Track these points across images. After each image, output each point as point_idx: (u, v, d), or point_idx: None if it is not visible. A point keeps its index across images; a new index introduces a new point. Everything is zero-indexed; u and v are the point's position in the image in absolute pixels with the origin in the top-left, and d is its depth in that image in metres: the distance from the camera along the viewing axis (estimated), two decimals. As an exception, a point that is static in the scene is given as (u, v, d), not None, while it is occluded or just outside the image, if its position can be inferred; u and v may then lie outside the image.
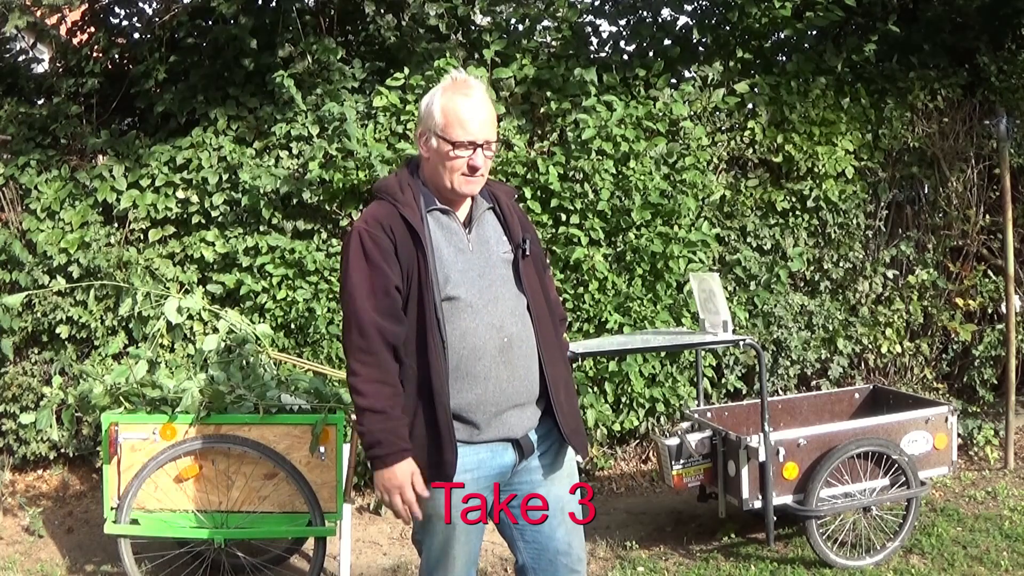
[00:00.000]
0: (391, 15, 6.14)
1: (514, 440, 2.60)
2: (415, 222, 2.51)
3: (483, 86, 2.61)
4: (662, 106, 5.59)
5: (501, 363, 2.54)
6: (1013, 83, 6.01)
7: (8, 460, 5.42)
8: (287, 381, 4.24)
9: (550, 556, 2.72)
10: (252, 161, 5.42)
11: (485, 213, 2.66)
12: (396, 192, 2.57)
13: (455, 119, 2.51)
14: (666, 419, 5.52)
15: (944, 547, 4.39)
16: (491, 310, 2.54)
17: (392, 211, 2.53)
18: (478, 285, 2.55)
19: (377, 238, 2.49)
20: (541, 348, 2.62)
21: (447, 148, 2.52)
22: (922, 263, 5.96)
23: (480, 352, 2.51)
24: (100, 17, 6.16)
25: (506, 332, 2.55)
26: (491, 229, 2.66)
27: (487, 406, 2.52)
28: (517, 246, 2.64)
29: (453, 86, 2.57)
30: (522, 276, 2.63)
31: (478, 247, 2.60)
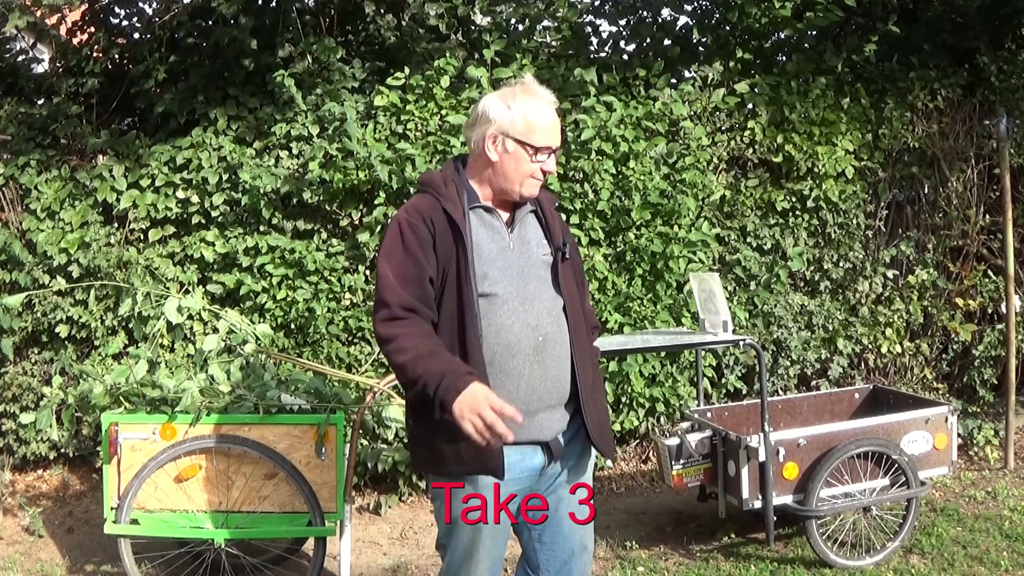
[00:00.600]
0: (391, 15, 6.14)
1: (543, 443, 2.61)
2: (457, 216, 2.54)
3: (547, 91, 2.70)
4: (662, 106, 5.59)
5: (535, 362, 2.56)
6: (1013, 83, 6.01)
7: (8, 460, 5.42)
8: (287, 381, 4.24)
9: (565, 557, 2.76)
10: (252, 161, 5.43)
11: (528, 215, 2.71)
12: (439, 186, 2.61)
13: (536, 126, 2.58)
14: (666, 419, 5.52)
15: (944, 547, 4.39)
16: (528, 308, 2.57)
17: (435, 204, 2.57)
18: (516, 283, 2.58)
19: (417, 228, 2.52)
20: (574, 351, 2.65)
21: (527, 153, 2.58)
22: (922, 263, 5.96)
23: (515, 349, 2.54)
24: (100, 17, 6.16)
25: (541, 331, 2.58)
26: (532, 230, 2.70)
27: (518, 404, 2.48)
28: (557, 249, 2.69)
29: (530, 92, 2.63)
30: (560, 278, 2.66)
31: (519, 246, 2.64)
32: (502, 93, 2.65)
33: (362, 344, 5.27)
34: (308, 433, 3.93)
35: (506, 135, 2.59)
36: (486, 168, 2.64)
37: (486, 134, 2.61)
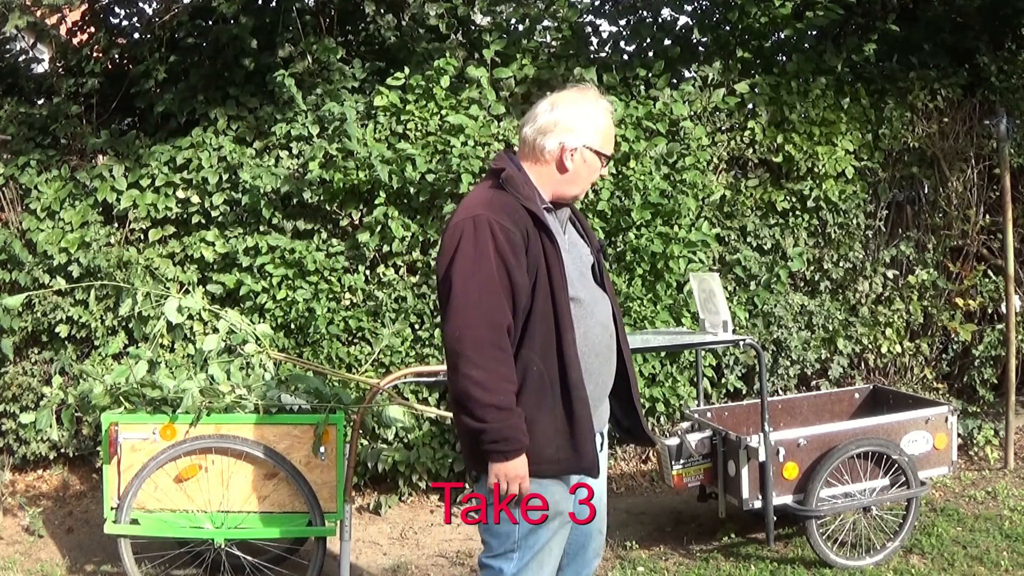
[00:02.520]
0: (391, 15, 6.15)
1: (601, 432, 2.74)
2: (545, 219, 2.55)
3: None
4: (662, 106, 5.59)
5: (607, 360, 2.67)
6: (1013, 83, 6.01)
7: (8, 460, 5.42)
8: (287, 381, 4.24)
9: (583, 541, 2.87)
10: (252, 161, 5.42)
11: (569, 219, 2.76)
12: (520, 186, 2.58)
13: (607, 138, 2.65)
14: (666, 419, 5.52)
15: (944, 547, 4.39)
16: (598, 310, 2.66)
17: (517, 204, 2.52)
18: (585, 285, 2.66)
19: (509, 232, 2.46)
20: (622, 346, 2.76)
21: (600, 162, 2.66)
22: (922, 263, 5.96)
23: (597, 349, 2.63)
24: (100, 17, 6.16)
25: (610, 331, 2.69)
26: (573, 234, 2.77)
27: (593, 401, 2.60)
28: (598, 250, 2.77)
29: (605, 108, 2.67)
30: (604, 277, 2.75)
31: (572, 248, 2.70)
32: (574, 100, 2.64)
33: (362, 344, 5.27)
34: (308, 433, 3.93)
35: (584, 146, 2.61)
36: (554, 174, 2.64)
37: (564, 145, 2.60)
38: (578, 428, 2.53)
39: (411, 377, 4.19)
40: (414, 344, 5.18)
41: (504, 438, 2.43)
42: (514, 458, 2.46)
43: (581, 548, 2.89)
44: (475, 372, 2.41)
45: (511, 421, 2.44)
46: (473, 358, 2.41)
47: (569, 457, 2.54)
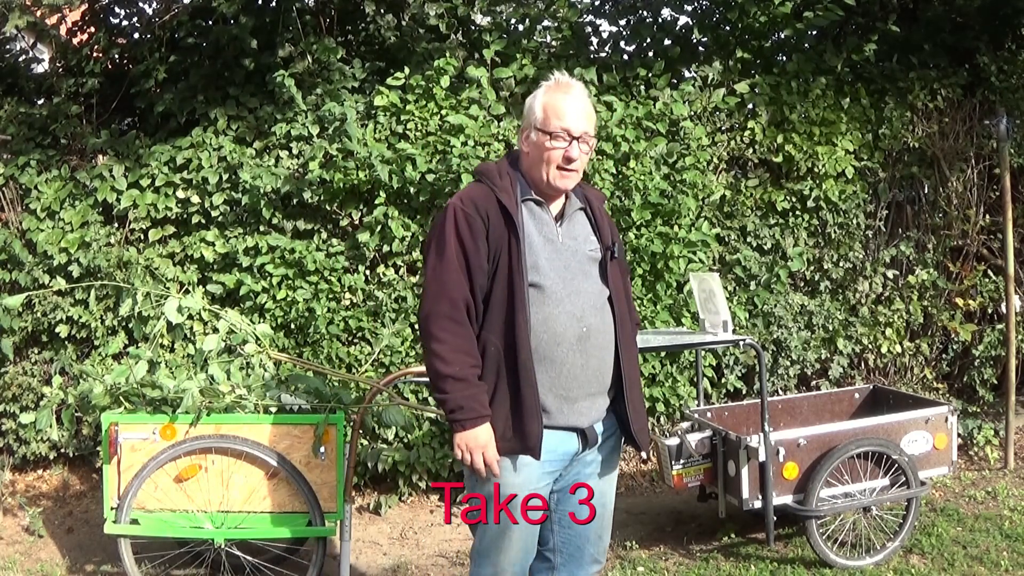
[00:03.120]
0: (391, 15, 6.14)
1: (580, 429, 2.72)
2: (510, 207, 2.65)
3: (581, 84, 2.77)
4: (662, 106, 5.59)
5: (577, 351, 2.67)
6: (1013, 83, 6.01)
7: (8, 460, 5.42)
8: (287, 381, 4.24)
9: (579, 543, 2.87)
10: (252, 161, 5.42)
11: (577, 212, 2.81)
12: (495, 177, 2.72)
13: (553, 112, 2.66)
14: (666, 419, 5.52)
15: (944, 547, 4.39)
16: (573, 300, 2.68)
17: (489, 194, 2.68)
18: (562, 276, 2.68)
19: (471, 217, 2.63)
20: (619, 345, 2.75)
21: (544, 139, 2.66)
22: (922, 263, 5.96)
23: (559, 338, 2.65)
24: (100, 17, 6.16)
25: (585, 323, 2.68)
26: (580, 227, 2.80)
27: (559, 390, 2.66)
28: (607, 247, 2.79)
29: (555, 85, 2.73)
30: (608, 275, 2.77)
31: (567, 240, 2.74)
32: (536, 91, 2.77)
33: (362, 344, 5.27)
34: (308, 433, 3.93)
35: (531, 127, 2.71)
36: (524, 161, 2.76)
37: (520, 130, 2.76)
38: (523, 408, 2.60)
39: (411, 377, 4.19)
40: (414, 344, 5.18)
41: (460, 407, 2.57)
42: (471, 428, 2.58)
43: (577, 550, 2.87)
44: (436, 346, 2.59)
45: (469, 391, 2.58)
46: (434, 332, 2.60)
47: (514, 436, 2.62)
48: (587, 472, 2.82)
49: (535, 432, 2.60)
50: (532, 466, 2.66)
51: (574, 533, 2.85)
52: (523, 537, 2.74)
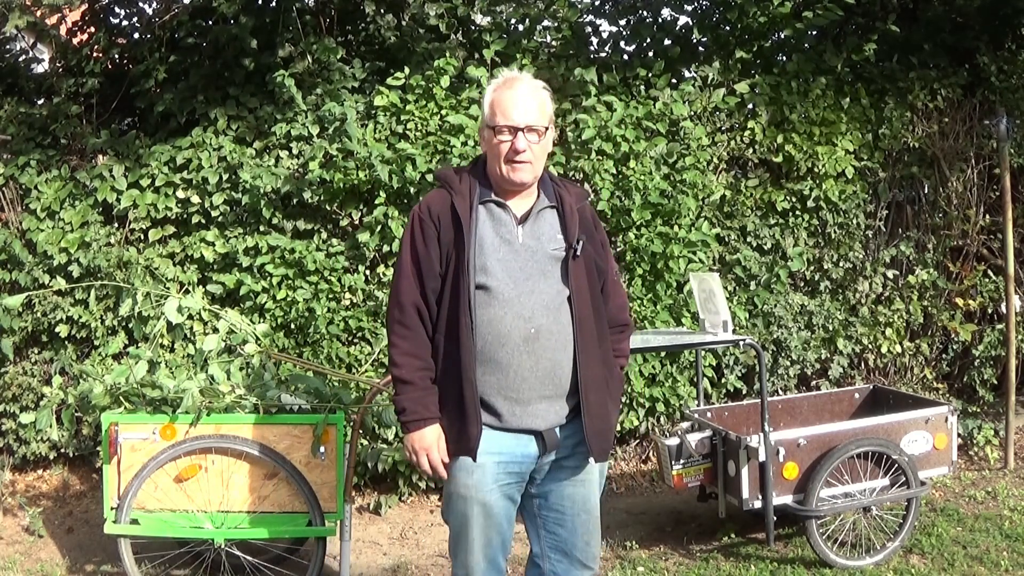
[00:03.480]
0: (391, 15, 6.14)
1: (537, 432, 2.70)
2: (462, 210, 2.66)
3: (530, 78, 2.76)
4: (662, 106, 5.59)
5: (525, 352, 2.65)
6: (1013, 83, 6.01)
7: (8, 460, 5.42)
8: (287, 381, 4.24)
9: (566, 548, 2.84)
10: (252, 161, 5.42)
11: (545, 211, 2.77)
12: (454, 181, 2.75)
13: (498, 107, 2.68)
14: (666, 419, 5.52)
15: (944, 547, 4.39)
16: (523, 301, 2.66)
17: (445, 198, 2.72)
18: (515, 277, 2.66)
19: (424, 223, 2.70)
20: (577, 347, 2.70)
21: (491, 135, 2.69)
22: (922, 263, 5.96)
23: (504, 339, 2.63)
24: (100, 17, 6.16)
25: (534, 323, 2.65)
26: (547, 226, 2.76)
27: (508, 392, 2.65)
28: (570, 246, 2.73)
29: (501, 82, 2.75)
30: (569, 275, 2.71)
31: (528, 241, 2.71)
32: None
33: (362, 344, 5.27)
34: (308, 433, 3.93)
35: (484, 126, 2.74)
36: (487, 161, 2.77)
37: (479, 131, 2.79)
38: (463, 410, 2.63)
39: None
40: (414, 344, 5.17)
41: (403, 409, 2.67)
42: (415, 430, 2.67)
43: (564, 555, 2.84)
44: (390, 349, 2.70)
45: (414, 394, 2.66)
46: (389, 336, 2.72)
47: (457, 438, 2.67)
48: (562, 477, 2.78)
49: (473, 435, 2.62)
50: (487, 467, 2.66)
51: (559, 539, 2.83)
52: (482, 535, 2.73)
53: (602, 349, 2.78)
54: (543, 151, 2.73)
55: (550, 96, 2.77)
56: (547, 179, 2.83)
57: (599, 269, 2.84)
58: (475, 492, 2.68)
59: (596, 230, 2.89)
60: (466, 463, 2.66)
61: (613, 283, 2.92)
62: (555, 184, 2.83)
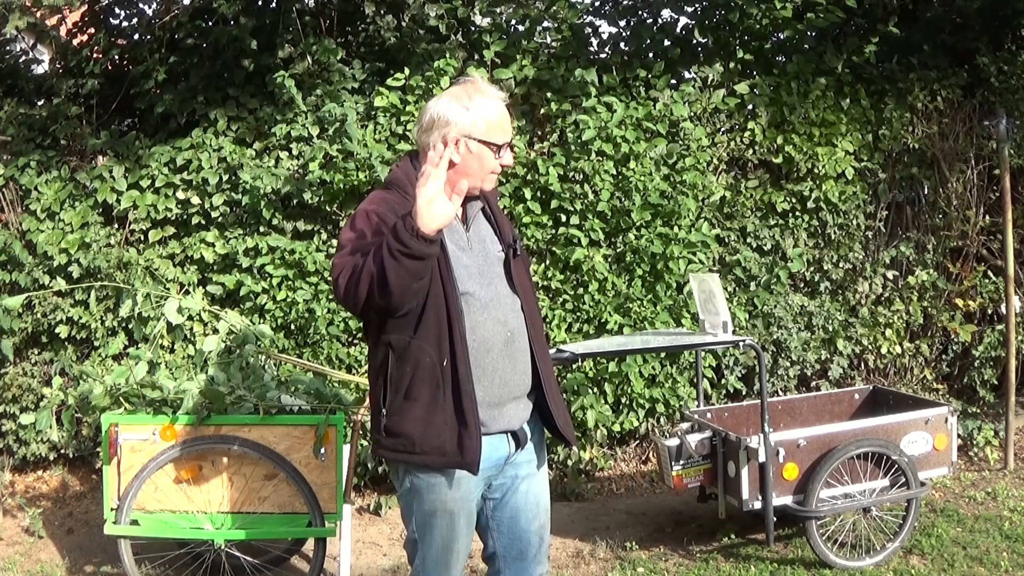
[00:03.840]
0: (391, 16, 6.14)
1: (512, 431, 2.68)
2: None
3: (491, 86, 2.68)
4: (662, 107, 5.59)
5: (505, 356, 2.63)
6: (1013, 84, 6.01)
7: (8, 461, 5.42)
8: (287, 382, 4.24)
9: (522, 547, 2.80)
10: (252, 162, 5.43)
11: (478, 213, 2.72)
12: (406, 185, 2.58)
13: (495, 124, 2.59)
14: (666, 420, 5.52)
15: (944, 548, 4.39)
16: (495, 306, 2.63)
17: (403, 203, 2.51)
18: (480, 282, 2.62)
19: (385, 218, 2.48)
20: (533, 344, 2.70)
21: (491, 151, 2.59)
22: (922, 264, 5.96)
23: (488, 345, 2.60)
24: (100, 18, 6.17)
25: (509, 327, 2.64)
26: (484, 229, 2.73)
27: (491, 398, 2.60)
28: (508, 246, 2.71)
29: (479, 91, 2.60)
30: (513, 274, 2.70)
31: (476, 246, 2.67)
32: (454, 94, 2.62)
33: (362, 345, 5.27)
34: (308, 434, 3.93)
35: (468, 136, 2.57)
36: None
37: (447, 137, 2.56)
38: (463, 423, 2.53)
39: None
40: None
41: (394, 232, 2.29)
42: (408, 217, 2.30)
43: (520, 553, 2.79)
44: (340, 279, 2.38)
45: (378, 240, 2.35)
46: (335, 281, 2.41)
47: (454, 451, 2.54)
48: (517, 474, 2.76)
49: (475, 448, 2.53)
50: (470, 479, 2.61)
51: (514, 537, 2.79)
52: (464, 547, 2.72)
53: (546, 343, 2.82)
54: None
55: None
56: None
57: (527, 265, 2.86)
58: (463, 505, 2.63)
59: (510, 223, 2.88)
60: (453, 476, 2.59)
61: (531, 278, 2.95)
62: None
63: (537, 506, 2.80)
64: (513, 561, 2.81)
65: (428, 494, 2.59)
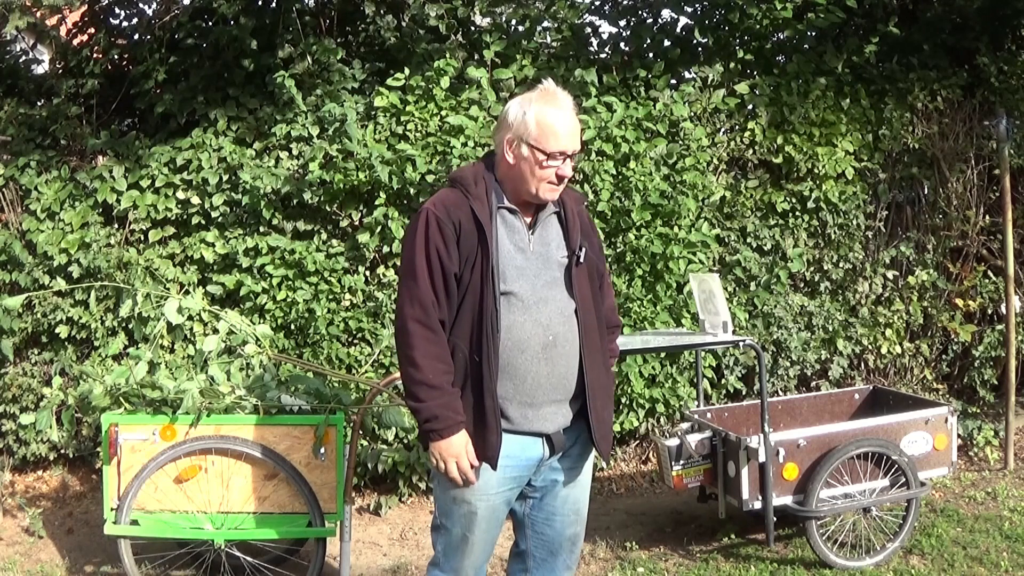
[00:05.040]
0: (391, 16, 6.14)
1: (546, 435, 2.71)
2: (483, 216, 2.62)
3: (568, 96, 2.72)
4: (662, 107, 5.59)
5: (543, 359, 2.65)
6: (1013, 84, 6.02)
7: (8, 461, 5.41)
8: (287, 382, 4.24)
9: (552, 549, 2.86)
10: (252, 162, 5.42)
11: (550, 217, 2.77)
12: (470, 184, 2.68)
13: (550, 131, 2.62)
14: (666, 420, 5.52)
15: (944, 548, 4.39)
16: (540, 308, 2.65)
17: (462, 201, 2.64)
18: (532, 284, 2.66)
19: (443, 223, 2.60)
20: (584, 352, 2.71)
21: (541, 158, 2.63)
22: (922, 264, 5.97)
23: (524, 346, 2.63)
24: (100, 18, 6.16)
25: (552, 331, 2.66)
26: (553, 233, 2.76)
27: (522, 397, 2.64)
28: (573, 252, 2.73)
29: (545, 97, 2.67)
30: (573, 281, 2.72)
31: (538, 248, 2.71)
32: (523, 97, 2.71)
33: (362, 345, 5.27)
34: (308, 434, 3.93)
35: (521, 140, 2.64)
36: (507, 170, 2.71)
37: (504, 138, 2.67)
38: (484, 419, 2.59)
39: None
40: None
41: (435, 416, 2.56)
42: (447, 436, 2.57)
43: (550, 555, 2.87)
44: (410, 352, 2.58)
45: (443, 399, 2.57)
46: (406, 339, 2.59)
47: (477, 446, 2.61)
48: (557, 479, 2.80)
49: (494, 443, 2.60)
50: (493, 474, 2.66)
51: (547, 539, 2.85)
52: (483, 541, 2.76)
53: (604, 353, 2.81)
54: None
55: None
56: None
57: (599, 273, 2.86)
58: (481, 496, 2.68)
59: (593, 233, 2.90)
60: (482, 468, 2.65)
61: (607, 286, 2.95)
62: None
63: (575, 514, 2.85)
64: (542, 562, 2.88)
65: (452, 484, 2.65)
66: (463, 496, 2.67)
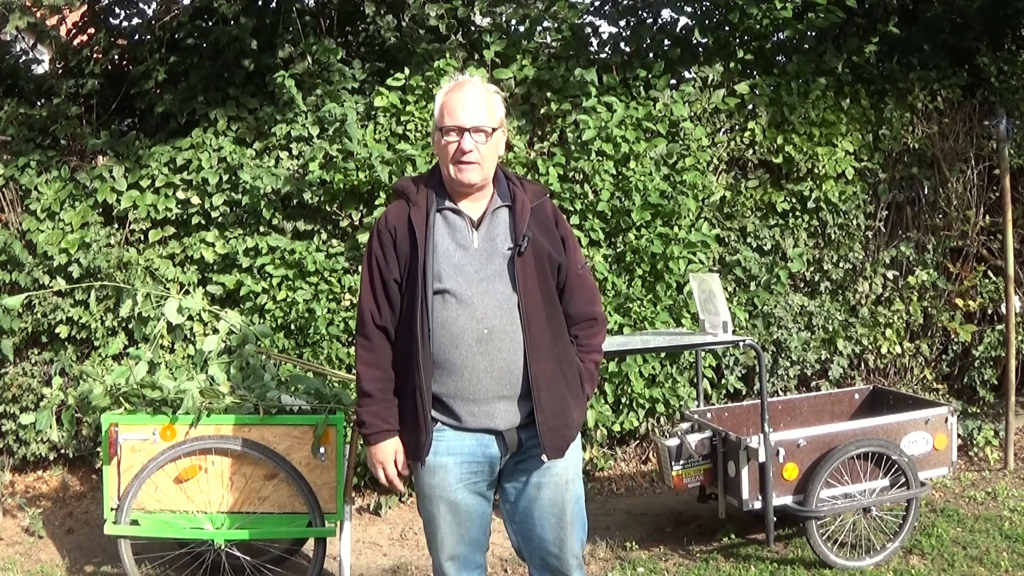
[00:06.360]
0: (391, 16, 6.14)
1: (498, 433, 2.72)
2: (417, 221, 2.70)
3: (480, 81, 2.78)
4: (662, 107, 5.59)
5: (478, 353, 2.66)
6: (1013, 84, 6.01)
7: (8, 461, 5.42)
8: (287, 382, 4.24)
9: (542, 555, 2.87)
10: (252, 162, 5.42)
11: (499, 210, 2.78)
12: (411, 191, 2.78)
13: (446, 109, 2.70)
14: (666, 420, 5.52)
15: (944, 548, 4.39)
16: (477, 303, 2.67)
17: (403, 210, 2.75)
18: (471, 280, 2.68)
19: (382, 235, 2.74)
20: (527, 345, 2.68)
21: (440, 136, 2.71)
22: (922, 264, 5.97)
23: (457, 341, 2.66)
24: (100, 18, 6.16)
25: (487, 324, 2.66)
26: (502, 227, 2.76)
27: (465, 393, 2.68)
28: (516, 244, 2.72)
29: (452, 85, 2.77)
30: (516, 273, 2.70)
31: (484, 244, 2.73)
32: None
33: (362, 345, 5.26)
34: (308, 434, 3.93)
35: (434, 129, 2.77)
36: (440, 166, 2.80)
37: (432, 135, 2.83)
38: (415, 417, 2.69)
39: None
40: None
41: (362, 422, 2.75)
42: (375, 443, 2.76)
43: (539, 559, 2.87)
44: (357, 365, 2.78)
45: (373, 407, 2.73)
46: (357, 352, 2.79)
47: (408, 441, 2.75)
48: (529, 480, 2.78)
49: (422, 442, 2.69)
50: (449, 467, 2.71)
51: (532, 542, 2.84)
52: (451, 535, 2.80)
53: (557, 346, 2.75)
54: (492, 151, 2.71)
55: (501, 100, 2.79)
56: (502, 178, 2.81)
57: (556, 266, 2.79)
58: (440, 492, 2.75)
59: (557, 226, 2.84)
60: (428, 464, 2.73)
61: (577, 277, 2.85)
62: (511, 183, 2.81)
63: (556, 516, 2.79)
64: (534, 562, 2.89)
65: (415, 477, 2.80)
66: (424, 492, 2.78)
